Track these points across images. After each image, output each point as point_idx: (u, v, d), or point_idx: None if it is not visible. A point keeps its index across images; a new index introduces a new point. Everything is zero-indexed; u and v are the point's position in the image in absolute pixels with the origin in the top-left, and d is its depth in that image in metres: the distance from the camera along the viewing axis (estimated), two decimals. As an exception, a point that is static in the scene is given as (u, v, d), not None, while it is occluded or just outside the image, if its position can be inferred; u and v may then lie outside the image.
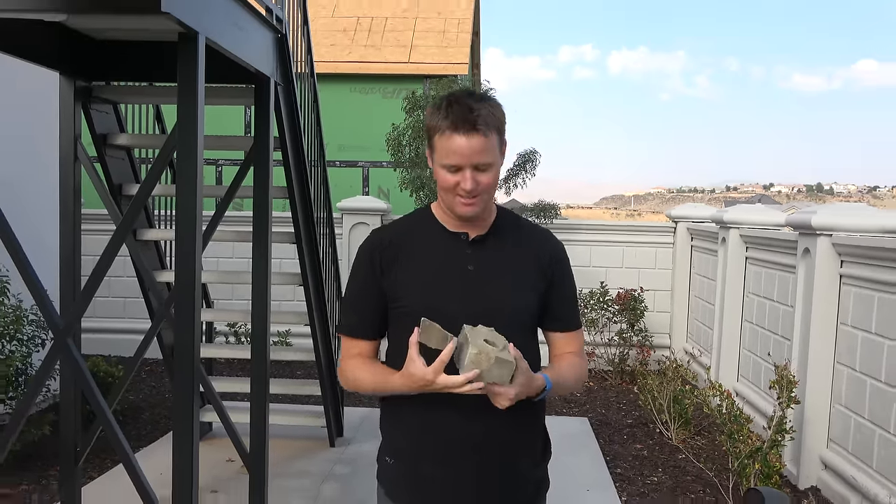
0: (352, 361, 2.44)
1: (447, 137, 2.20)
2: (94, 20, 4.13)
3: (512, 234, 2.47)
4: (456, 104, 2.21)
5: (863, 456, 5.32)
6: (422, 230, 2.45)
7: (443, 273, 2.35)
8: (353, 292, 2.47)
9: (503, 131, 2.32)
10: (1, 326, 5.77)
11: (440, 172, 2.27)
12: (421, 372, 2.10)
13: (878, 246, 5.14)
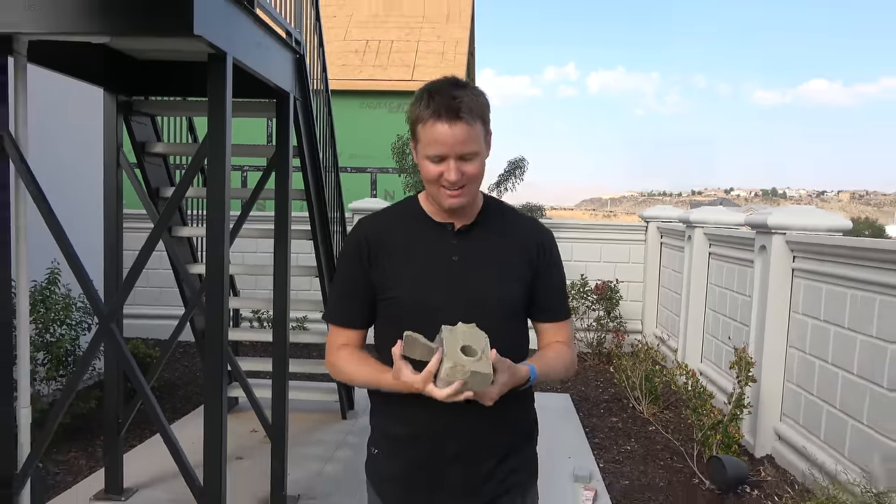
0: (341, 353, 2.17)
1: (430, 127, 1.95)
2: (135, 42, 4.14)
3: (498, 224, 2.19)
4: (437, 94, 1.96)
5: (812, 428, 5.32)
6: (408, 220, 2.17)
7: (428, 264, 2.10)
8: (340, 282, 2.22)
9: (488, 120, 2.04)
10: (52, 312, 5.76)
11: (424, 164, 2.01)
12: (410, 379, 1.86)
13: (826, 243, 5.15)
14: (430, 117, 1.93)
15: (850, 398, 4.79)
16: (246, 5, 3.64)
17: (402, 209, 2.23)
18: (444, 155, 1.94)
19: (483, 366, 1.81)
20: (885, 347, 4.43)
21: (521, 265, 2.15)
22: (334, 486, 5.01)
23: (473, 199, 2.10)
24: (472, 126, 1.95)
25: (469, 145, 1.95)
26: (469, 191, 2.02)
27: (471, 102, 1.95)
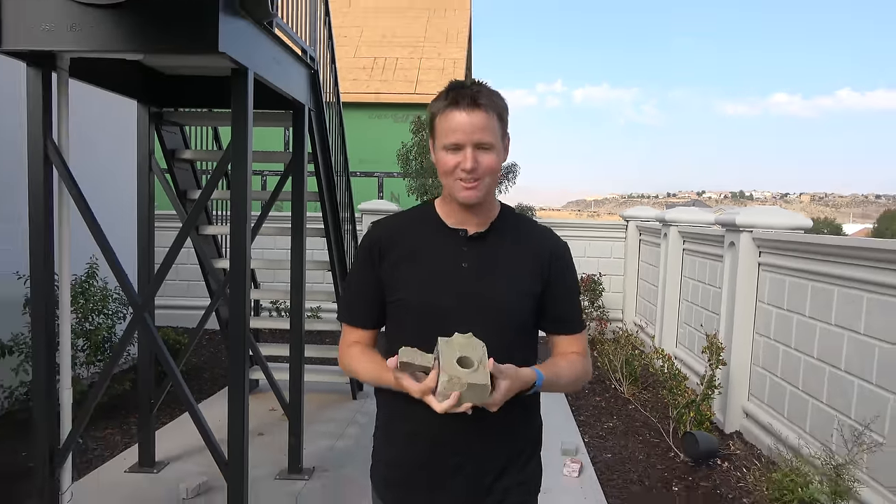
0: (350, 350, 2.01)
1: (448, 115, 1.79)
2: (166, 59, 4.14)
3: (511, 232, 1.97)
4: (457, 87, 1.82)
5: (776, 407, 5.33)
6: (421, 225, 1.97)
7: (438, 269, 1.89)
8: (353, 282, 2.03)
9: (505, 120, 1.87)
10: (91, 303, 5.77)
11: (440, 156, 1.83)
12: (409, 386, 1.69)
13: (789, 240, 5.15)
14: (448, 106, 1.79)
15: (811, 379, 4.80)
16: (265, 26, 3.64)
17: (418, 214, 2.03)
18: (460, 143, 1.78)
19: (480, 377, 1.64)
20: (842, 334, 4.44)
21: (532, 275, 1.94)
22: (345, 459, 5.02)
23: (488, 196, 1.90)
24: (490, 117, 1.80)
25: (486, 134, 1.79)
26: (484, 185, 1.83)
27: (490, 95, 1.81)
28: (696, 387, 5.88)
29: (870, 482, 3.97)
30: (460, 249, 1.90)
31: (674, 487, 4.74)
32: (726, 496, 4.58)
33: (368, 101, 15.29)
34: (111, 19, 3.00)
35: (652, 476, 4.92)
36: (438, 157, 1.85)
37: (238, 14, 3.29)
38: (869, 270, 4.14)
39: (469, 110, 1.77)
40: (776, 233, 5.48)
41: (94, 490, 4.34)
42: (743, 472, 4.89)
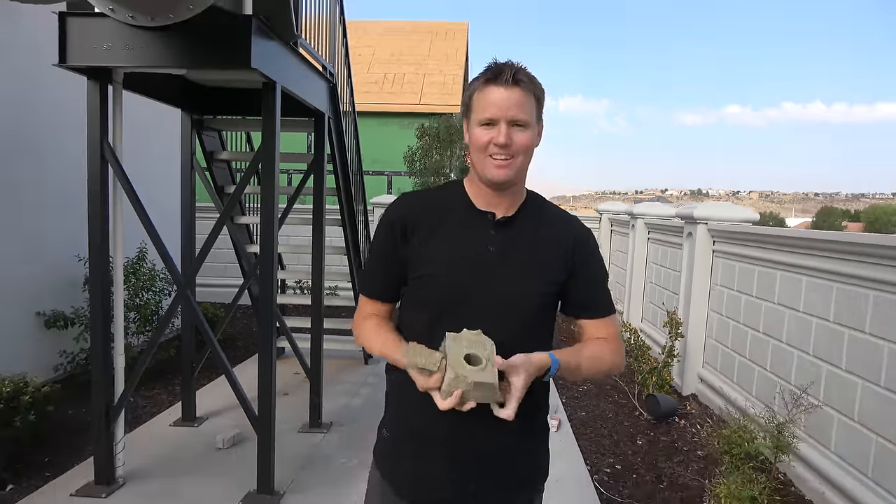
0: (366, 322, 1.73)
1: (485, 91, 1.53)
2: (206, 74, 4.13)
3: (537, 218, 1.68)
4: (497, 65, 1.54)
5: (727, 373, 5.35)
6: (449, 203, 1.67)
7: (462, 251, 1.60)
8: (373, 254, 1.73)
9: (542, 104, 1.59)
10: (141, 282, 5.77)
11: (474, 133, 1.55)
12: (418, 381, 1.46)
13: (739, 231, 5.15)
14: (487, 82, 1.53)
15: (757, 350, 4.82)
16: (291, 46, 3.64)
17: (446, 192, 1.73)
18: (495, 118, 1.51)
19: (487, 375, 1.41)
20: (783, 311, 4.45)
21: (556, 263, 1.65)
22: (358, 415, 5.03)
23: (519, 177, 1.61)
24: (527, 95, 1.53)
25: (522, 111, 1.52)
26: (516, 164, 1.55)
27: (530, 76, 1.54)
28: (658, 356, 5.90)
29: (807, 439, 3.98)
30: (488, 232, 1.62)
31: (638, 441, 4.76)
32: (682, 449, 4.60)
33: (379, 110, 15.29)
34: (160, 40, 3.01)
35: (620, 431, 4.94)
36: (472, 133, 1.56)
37: (268, 36, 3.29)
38: (806, 257, 4.14)
39: (507, 86, 1.51)
40: (728, 224, 5.47)
41: (144, 441, 4.36)
42: (697, 428, 4.91)
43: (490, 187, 1.60)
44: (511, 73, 1.50)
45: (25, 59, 5.04)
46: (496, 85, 1.52)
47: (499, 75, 1.51)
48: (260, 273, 3.57)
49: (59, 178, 5.43)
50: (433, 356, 1.44)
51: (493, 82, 1.52)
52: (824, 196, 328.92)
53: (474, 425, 1.56)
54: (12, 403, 3.90)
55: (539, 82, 1.56)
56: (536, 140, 1.60)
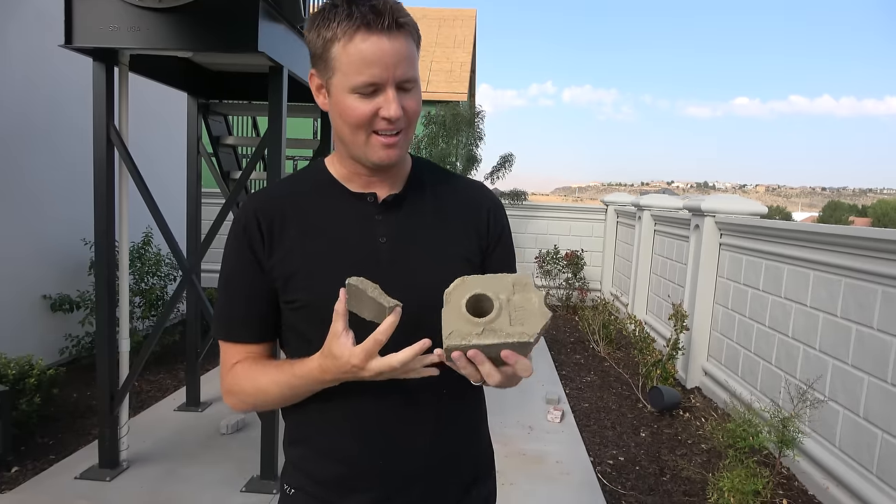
0: (234, 371, 1.20)
1: (358, 42, 1.04)
2: (212, 56, 4.10)
3: (434, 191, 1.26)
4: (359, 1, 1.05)
5: (732, 367, 5.33)
6: (315, 191, 1.22)
7: (345, 250, 1.16)
8: (226, 280, 1.22)
9: (419, 45, 1.16)
10: (146, 267, 5.77)
11: (347, 102, 1.08)
12: (347, 352, 1.01)
13: (746, 224, 5.12)
14: (358, 29, 1.04)
15: (763, 344, 4.80)
16: (299, 29, 3.61)
17: (306, 176, 1.26)
18: (379, 82, 1.06)
19: (522, 328, 0.94)
20: (790, 305, 4.42)
21: (469, 240, 1.24)
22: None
23: (407, 152, 1.22)
24: (411, 43, 1.10)
25: (411, 68, 1.10)
26: (407, 138, 1.15)
27: (407, 14, 1.09)
28: (663, 348, 5.88)
29: (811, 434, 3.97)
30: (373, 220, 1.19)
31: (641, 433, 4.75)
32: (686, 442, 4.59)
33: (386, 97, 15.27)
34: (166, 22, 2.99)
35: (623, 423, 4.93)
36: (344, 104, 1.09)
37: (276, 19, 3.26)
38: (814, 251, 4.11)
39: (390, 34, 1.05)
40: (736, 218, 5.44)
41: (148, 425, 4.37)
42: (701, 421, 4.90)
43: (370, 169, 1.18)
44: (393, 16, 1.05)
45: (33, 40, 5.02)
46: (374, 32, 1.04)
47: (378, 19, 1.04)
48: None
49: (65, 161, 5.42)
50: (385, 301, 1.00)
51: (370, 29, 1.04)
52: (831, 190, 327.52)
53: (426, 428, 1.21)
54: (18, 386, 3.91)
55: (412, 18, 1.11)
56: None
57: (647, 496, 3.77)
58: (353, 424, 1.18)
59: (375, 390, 1.11)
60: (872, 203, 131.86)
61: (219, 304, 1.25)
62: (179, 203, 4.80)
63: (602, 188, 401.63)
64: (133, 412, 4.48)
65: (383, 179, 1.21)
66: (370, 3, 1.05)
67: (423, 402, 1.19)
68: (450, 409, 1.24)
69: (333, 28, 1.06)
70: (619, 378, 6.04)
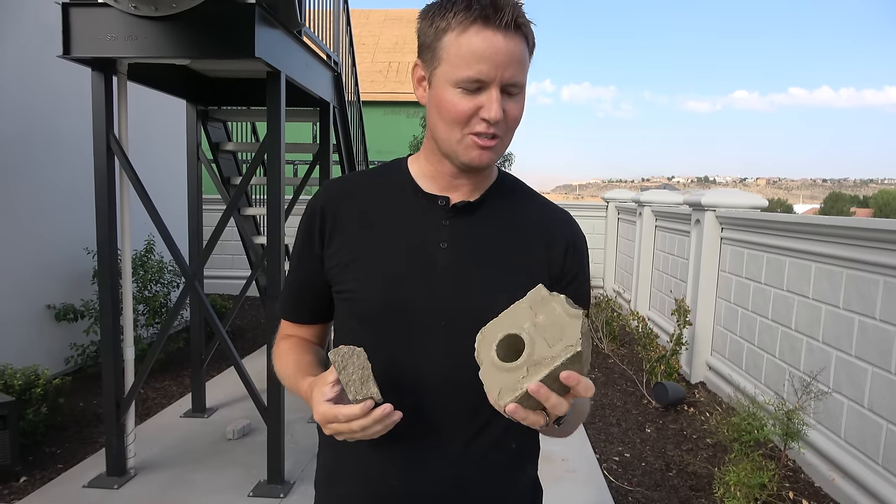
0: (281, 344, 1.28)
1: (472, 35, 0.98)
2: (210, 63, 4.10)
3: (510, 206, 1.18)
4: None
5: (735, 361, 5.33)
6: (387, 188, 1.18)
7: (403, 250, 1.11)
8: (292, 265, 1.25)
9: (533, 55, 1.07)
10: (149, 274, 5.78)
11: (448, 95, 1.02)
12: (318, 396, 0.98)
13: (747, 217, 5.12)
14: (475, 21, 0.98)
15: (766, 337, 4.80)
16: (295, 34, 3.62)
17: (384, 172, 1.23)
18: (486, 79, 1.00)
19: (563, 342, 0.86)
20: (792, 298, 4.42)
21: (537, 268, 1.14)
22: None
23: (498, 159, 1.12)
24: (526, 49, 1.03)
25: (521, 72, 1.03)
26: (503, 144, 1.08)
27: (527, 17, 1.03)
28: (666, 344, 5.88)
29: (816, 426, 3.97)
30: (439, 223, 1.13)
31: (647, 429, 4.75)
32: (691, 437, 4.59)
33: (384, 99, 15.23)
34: (164, 30, 2.99)
35: (628, 419, 4.93)
36: (444, 97, 1.04)
37: (272, 25, 3.27)
38: (815, 243, 4.11)
39: (506, 33, 0.99)
40: (736, 211, 5.44)
41: (154, 432, 4.38)
42: (706, 416, 4.90)
43: (458, 169, 1.12)
44: (513, 14, 0.99)
45: (32, 50, 5.04)
46: (492, 28, 0.99)
47: (497, 14, 0.98)
48: (267, 264, 3.57)
49: (66, 171, 5.43)
50: (369, 377, 0.94)
51: (487, 23, 0.99)
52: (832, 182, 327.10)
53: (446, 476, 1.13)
54: (24, 396, 3.92)
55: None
56: None
57: (654, 492, 3.77)
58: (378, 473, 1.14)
59: (399, 437, 1.04)
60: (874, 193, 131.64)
61: (285, 281, 1.29)
62: (181, 210, 4.81)
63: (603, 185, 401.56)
64: (139, 420, 4.49)
65: (464, 184, 1.15)
66: (495, 0, 0.99)
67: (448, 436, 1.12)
68: (485, 452, 1.14)
69: (448, 18, 1.01)
70: (624, 375, 6.04)
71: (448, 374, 1.09)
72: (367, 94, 14.14)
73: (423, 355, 1.09)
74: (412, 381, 1.08)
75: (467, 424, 1.12)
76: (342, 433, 0.96)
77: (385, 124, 14.87)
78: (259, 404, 3.67)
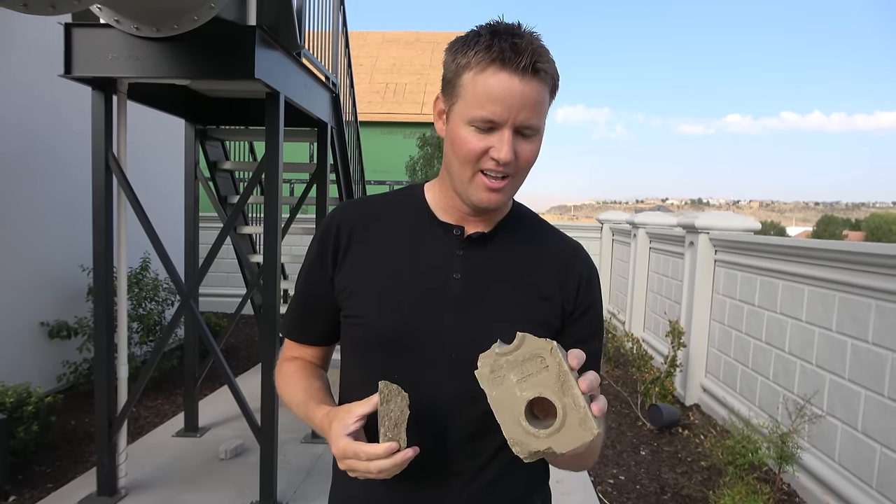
0: (286, 366, 1.26)
1: (489, 75, 0.99)
2: (209, 84, 4.13)
3: (527, 238, 1.19)
4: (506, 34, 1.00)
5: (729, 383, 5.33)
6: (402, 213, 1.18)
7: (415, 278, 1.11)
8: (298, 282, 1.24)
9: (555, 96, 1.08)
10: (144, 292, 5.76)
11: (462, 132, 1.03)
12: (338, 431, 0.97)
13: (740, 240, 5.14)
14: (493, 62, 0.98)
15: (760, 360, 4.80)
16: (295, 56, 3.65)
17: (399, 199, 1.22)
18: (498, 120, 1.00)
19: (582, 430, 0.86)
20: (786, 321, 4.43)
21: (551, 302, 1.15)
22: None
23: (510, 198, 1.15)
24: (544, 91, 1.02)
25: (536, 115, 1.02)
26: (513, 185, 1.09)
27: (551, 61, 1.03)
28: (661, 365, 5.88)
29: (810, 449, 3.96)
30: (453, 253, 1.13)
31: (641, 451, 4.73)
32: (686, 459, 4.58)
33: (381, 120, 15.33)
34: (165, 51, 3.02)
35: (623, 441, 4.91)
36: (458, 134, 1.04)
37: (272, 46, 3.30)
38: (808, 266, 4.13)
39: (523, 76, 0.99)
40: (730, 234, 5.47)
41: (146, 451, 4.34)
42: (701, 439, 4.89)
43: (469, 208, 1.12)
44: (531, 58, 0.98)
45: (34, 69, 5.06)
46: (508, 71, 0.98)
47: (515, 57, 0.98)
48: (263, 283, 3.56)
49: (63, 188, 5.44)
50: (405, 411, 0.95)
51: (504, 65, 0.98)
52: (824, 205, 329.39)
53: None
54: (15, 414, 3.89)
55: (556, 66, 1.04)
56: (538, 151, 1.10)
57: (649, 515, 3.75)
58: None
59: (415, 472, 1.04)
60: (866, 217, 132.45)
61: (290, 301, 1.27)
62: (177, 228, 4.82)
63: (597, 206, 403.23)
64: (131, 438, 4.45)
65: (476, 216, 1.15)
66: (513, 40, 0.99)
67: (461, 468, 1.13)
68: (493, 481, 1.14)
69: (469, 56, 1.01)
70: (618, 396, 6.02)
71: (456, 406, 1.09)
72: (365, 115, 14.23)
73: (430, 386, 1.09)
74: (419, 411, 1.06)
75: (475, 455, 1.12)
76: (357, 471, 0.95)
77: (382, 144, 14.96)
78: (252, 424, 3.64)
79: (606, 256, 10.14)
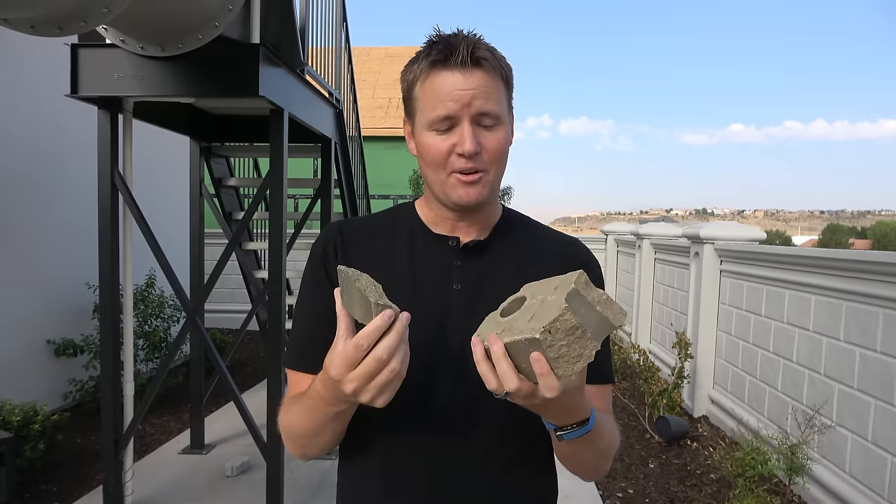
0: (289, 403, 1.12)
1: (433, 79, 1.03)
2: (214, 101, 4.17)
3: (522, 241, 1.19)
4: (443, 41, 1.04)
5: (737, 394, 5.30)
6: (396, 229, 1.18)
7: (416, 291, 1.10)
8: (298, 308, 1.17)
9: (512, 87, 1.10)
10: (150, 309, 5.78)
11: (425, 139, 1.06)
12: (328, 360, 0.89)
13: (746, 250, 5.14)
14: (434, 66, 1.03)
15: (768, 370, 4.78)
16: (298, 73, 3.68)
17: (392, 216, 1.23)
18: (454, 116, 1.02)
19: (531, 323, 0.81)
20: (793, 330, 4.42)
21: None
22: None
23: (494, 191, 1.13)
24: (495, 78, 1.04)
25: (489, 102, 1.03)
26: (489, 179, 1.07)
27: (492, 50, 1.05)
28: (668, 377, 5.85)
29: (821, 460, 3.93)
30: (451, 264, 1.13)
31: (650, 464, 4.70)
32: (695, 472, 4.55)
33: (385, 134, 15.40)
34: (170, 69, 3.05)
35: (631, 455, 4.89)
36: (422, 142, 1.07)
37: (276, 64, 3.33)
38: (814, 275, 4.12)
39: (464, 70, 1.02)
40: (735, 244, 5.46)
41: (152, 469, 4.33)
42: (710, 451, 4.86)
43: (455, 210, 1.13)
44: (468, 50, 1.01)
45: (40, 89, 5.11)
46: (450, 68, 1.02)
47: (451, 54, 1.02)
48: (268, 298, 3.57)
49: (69, 206, 5.47)
50: (374, 299, 0.85)
51: (445, 65, 1.02)
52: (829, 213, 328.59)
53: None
54: (22, 433, 3.89)
55: (503, 57, 1.08)
56: (511, 134, 1.10)
57: (658, 528, 3.72)
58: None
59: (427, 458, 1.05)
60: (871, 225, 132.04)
61: (291, 332, 1.20)
62: (183, 244, 4.83)
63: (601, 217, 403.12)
64: (137, 456, 4.45)
65: (469, 225, 1.15)
66: (448, 42, 1.03)
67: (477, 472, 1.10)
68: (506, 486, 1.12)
69: (415, 70, 1.06)
70: (626, 408, 6.00)
71: (462, 418, 1.08)
72: (368, 130, 14.30)
73: (436, 398, 1.07)
74: (430, 426, 1.05)
75: (481, 468, 1.10)
76: (368, 373, 0.85)
77: (385, 158, 15.01)
78: (259, 440, 3.64)
79: (611, 268, 10.12)
